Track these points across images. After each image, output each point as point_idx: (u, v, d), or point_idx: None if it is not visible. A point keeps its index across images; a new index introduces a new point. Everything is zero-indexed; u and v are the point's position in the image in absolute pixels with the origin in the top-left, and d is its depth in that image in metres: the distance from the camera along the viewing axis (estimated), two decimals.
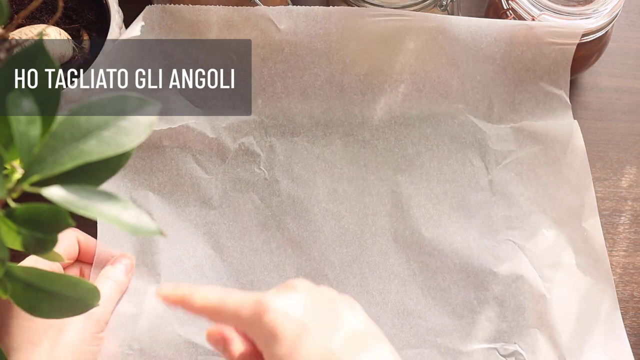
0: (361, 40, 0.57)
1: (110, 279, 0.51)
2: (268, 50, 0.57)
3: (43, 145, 0.28)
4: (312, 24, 0.56)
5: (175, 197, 0.56)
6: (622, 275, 0.58)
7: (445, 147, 0.58)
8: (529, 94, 0.59)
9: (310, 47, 0.57)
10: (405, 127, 0.59)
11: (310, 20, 0.56)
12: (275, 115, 0.59)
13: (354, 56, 0.57)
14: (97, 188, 0.29)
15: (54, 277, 0.34)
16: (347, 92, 0.58)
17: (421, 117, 0.59)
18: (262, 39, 0.57)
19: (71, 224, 0.29)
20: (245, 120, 0.58)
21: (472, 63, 0.58)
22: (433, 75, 0.58)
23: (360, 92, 0.58)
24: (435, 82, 0.58)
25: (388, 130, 0.59)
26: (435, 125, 0.58)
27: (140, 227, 0.28)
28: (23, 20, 0.55)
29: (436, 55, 0.57)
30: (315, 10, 0.56)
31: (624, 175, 0.62)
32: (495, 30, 0.57)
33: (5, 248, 0.30)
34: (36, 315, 0.34)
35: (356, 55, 0.57)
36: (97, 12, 0.58)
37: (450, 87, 0.58)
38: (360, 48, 0.57)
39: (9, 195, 0.29)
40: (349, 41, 0.57)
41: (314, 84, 0.58)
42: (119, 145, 0.29)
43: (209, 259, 0.56)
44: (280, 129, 0.59)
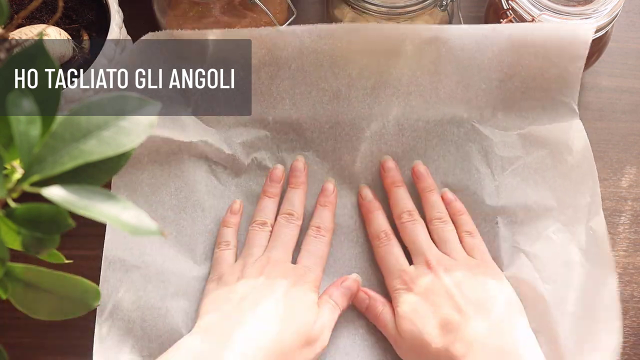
0: (366, 54, 0.57)
1: (330, 301, 0.53)
2: (275, 68, 0.58)
3: (43, 145, 0.28)
4: (316, 40, 0.56)
5: (191, 202, 0.58)
6: (622, 275, 0.58)
7: (451, 157, 0.59)
8: (536, 101, 0.59)
9: (316, 63, 0.57)
10: (412, 139, 0.59)
11: (314, 37, 0.56)
12: (286, 131, 0.60)
13: (360, 70, 0.58)
14: (97, 188, 0.29)
15: (54, 277, 0.34)
16: (354, 105, 0.59)
17: (427, 129, 0.59)
18: (269, 58, 0.57)
19: (71, 224, 0.29)
20: (259, 136, 0.60)
21: (477, 72, 0.58)
22: (439, 86, 0.58)
23: (368, 105, 0.59)
24: (442, 92, 0.58)
25: (395, 143, 0.59)
26: (441, 135, 0.59)
27: (140, 227, 0.28)
28: (23, 20, 0.55)
29: (442, 65, 0.57)
30: (319, 27, 0.56)
31: (624, 175, 0.62)
32: (503, 40, 0.56)
33: (5, 248, 0.30)
34: (36, 316, 0.34)
35: (362, 69, 0.58)
36: (97, 12, 0.58)
37: (456, 96, 0.58)
38: (365, 62, 0.57)
39: (9, 195, 0.29)
40: (354, 55, 0.57)
41: (322, 99, 0.59)
42: (119, 145, 0.29)
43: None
44: (291, 144, 0.60)
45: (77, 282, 0.35)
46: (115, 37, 0.55)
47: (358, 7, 0.59)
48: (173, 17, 0.61)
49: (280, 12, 0.62)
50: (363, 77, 0.58)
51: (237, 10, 0.60)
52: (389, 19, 0.60)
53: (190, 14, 0.60)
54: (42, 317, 0.34)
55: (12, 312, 0.34)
